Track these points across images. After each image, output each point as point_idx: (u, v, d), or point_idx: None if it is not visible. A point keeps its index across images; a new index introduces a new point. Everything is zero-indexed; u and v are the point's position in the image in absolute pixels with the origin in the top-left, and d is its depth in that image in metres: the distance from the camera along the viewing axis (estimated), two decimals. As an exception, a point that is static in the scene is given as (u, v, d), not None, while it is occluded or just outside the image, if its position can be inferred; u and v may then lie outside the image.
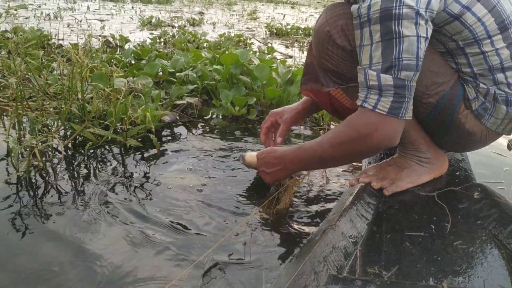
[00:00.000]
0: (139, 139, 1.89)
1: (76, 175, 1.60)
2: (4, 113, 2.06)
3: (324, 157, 1.33)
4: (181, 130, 2.17)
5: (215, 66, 2.79)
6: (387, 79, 1.15)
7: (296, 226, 1.36)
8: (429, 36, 1.16)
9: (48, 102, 2.10)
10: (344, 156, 1.32)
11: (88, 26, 5.77)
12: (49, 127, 1.90)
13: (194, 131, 2.17)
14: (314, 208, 1.48)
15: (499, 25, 1.23)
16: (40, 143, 1.56)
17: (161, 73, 2.78)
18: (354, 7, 1.21)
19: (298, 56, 4.74)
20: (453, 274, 1.02)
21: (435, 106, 1.32)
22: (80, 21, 6.26)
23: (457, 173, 1.56)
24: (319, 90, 1.46)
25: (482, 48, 1.25)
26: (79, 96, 1.91)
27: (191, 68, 2.85)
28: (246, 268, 1.15)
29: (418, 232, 1.20)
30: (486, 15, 1.21)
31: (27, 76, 2.05)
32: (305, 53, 5.03)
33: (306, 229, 1.35)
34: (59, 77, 2.16)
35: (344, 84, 1.38)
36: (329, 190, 1.61)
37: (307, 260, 0.98)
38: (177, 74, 2.72)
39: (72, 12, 7.59)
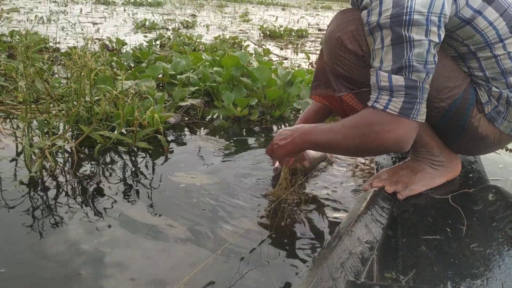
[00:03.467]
0: (147, 141, 1.93)
1: (86, 175, 1.63)
2: (11, 116, 2.09)
3: (333, 144, 1.33)
4: (185, 131, 2.20)
5: (215, 68, 2.83)
6: (398, 79, 1.16)
7: (311, 233, 1.36)
8: (440, 41, 1.16)
9: (52, 105, 2.13)
10: (356, 150, 1.31)
11: (82, 29, 5.77)
12: (57, 129, 1.93)
13: (198, 132, 2.21)
14: (329, 214, 1.48)
15: (510, 28, 1.23)
16: (51, 144, 1.59)
17: (161, 76, 2.82)
18: (364, 13, 1.22)
19: (293, 58, 4.79)
20: (471, 277, 1.01)
21: (447, 110, 1.32)
22: (74, 24, 6.26)
23: (471, 175, 1.56)
24: (331, 95, 1.47)
25: (494, 51, 1.25)
26: (87, 99, 1.94)
27: (191, 71, 2.89)
28: (262, 276, 1.14)
29: (434, 236, 1.19)
30: (497, 19, 1.22)
31: (32, 79, 2.08)
32: (300, 55, 5.09)
33: (322, 235, 1.36)
34: (65, 80, 2.19)
35: (356, 89, 1.37)
36: (342, 195, 1.61)
37: (325, 267, 0.98)
38: (178, 76, 2.76)
39: (65, 15, 7.57)
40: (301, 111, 2.61)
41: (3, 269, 1.09)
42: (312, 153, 1.74)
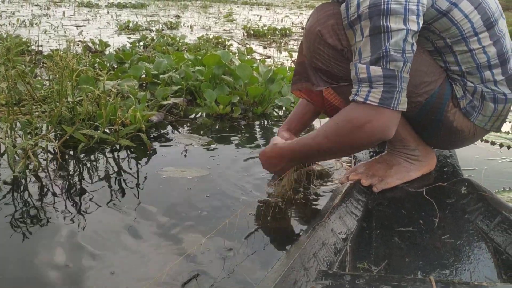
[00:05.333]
0: (130, 139, 1.95)
1: (71, 175, 1.65)
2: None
3: (321, 150, 1.32)
4: (168, 129, 2.23)
5: (197, 67, 2.86)
6: (376, 70, 1.16)
7: (286, 225, 1.38)
8: (419, 29, 1.17)
9: (35, 107, 2.15)
10: (339, 148, 1.31)
11: (65, 32, 5.75)
12: (40, 130, 1.94)
13: (181, 129, 2.24)
14: (305, 206, 1.50)
15: (485, 22, 1.25)
16: (34, 144, 1.61)
17: (143, 76, 2.84)
18: (343, 7, 1.24)
19: (276, 56, 4.83)
20: (441, 268, 1.05)
21: (424, 104, 1.33)
22: (57, 27, 6.23)
23: (445, 169, 1.59)
24: (311, 90, 1.48)
25: (469, 46, 1.26)
26: (69, 99, 1.96)
27: (174, 70, 2.91)
28: (236, 265, 1.16)
29: (407, 228, 1.22)
30: (472, 11, 1.23)
31: (14, 81, 2.09)
32: (283, 53, 5.13)
33: (297, 227, 1.37)
34: (47, 81, 2.20)
35: (335, 84, 1.38)
36: (319, 188, 1.63)
37: (297, 257, 0.99)
38: (161, 76, 2.78)
39: (47, 18, 7.53)
40: (283, 108, 2.65)
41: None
42: None
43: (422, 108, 1.35)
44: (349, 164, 1.84)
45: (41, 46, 4.34)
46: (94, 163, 1.77)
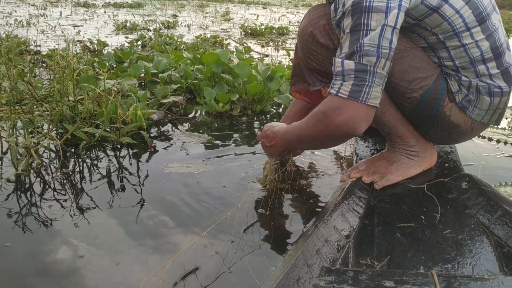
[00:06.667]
0: (131, 137, 1.96)
1: (74, 172, 1.66)
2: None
3: (302, 137, 1.36)
4: (168, 127, 2.24)
5: (196, 66, 2.87)
6: (349, 64, 1.18)
7: (288, 223, 1.39)
8: (398, 26, 1.17)
9: (36, 106, 2.15)
10: (316, 138, 1.33)
11: (63, 32, 5.75)
12: (41, 129, 1.95)
13: (181, 128, 2.25)
14: (307, 204, 1.51)
15: (476, 17, 1.26)
16: (37, 143, 1.62)
17: (143, 75, 2.85)
18: (332, 7, 1.27)
19: (274, 55, 4.84)
20: (443, 262, 1.06)
21: (419, 100, 1.35)
22: (54, 27, 6.23)
23: (446, 164, 1.60)
24: (310, 91, 1.49)
25: (462, 40, 1.27)
26: (71, 98, 1.97)
27: (173, 69, 2.92)
28: (238, 263, 1.16)
29: (408, 223, 1.23)
30: (463, 7, 1.24)
31: (15, 81, 2.10)
32: (281, 52, 5.14)
33: (299, 225, 1.38)
34: (47, 80, 2.21)
35: (330, 83, 1.39)
36: (321, 186, 1.64)
37: (300, 254, 1.00)
38: (160, 74, 2.79)
39: (44, 18, 7.52)
40: (281, 106, 2.66)
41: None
42: None
43: (418, 103, 1.36)
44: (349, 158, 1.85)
45: (39, 46, 4.34)
46: (97, 160, 1.78)
